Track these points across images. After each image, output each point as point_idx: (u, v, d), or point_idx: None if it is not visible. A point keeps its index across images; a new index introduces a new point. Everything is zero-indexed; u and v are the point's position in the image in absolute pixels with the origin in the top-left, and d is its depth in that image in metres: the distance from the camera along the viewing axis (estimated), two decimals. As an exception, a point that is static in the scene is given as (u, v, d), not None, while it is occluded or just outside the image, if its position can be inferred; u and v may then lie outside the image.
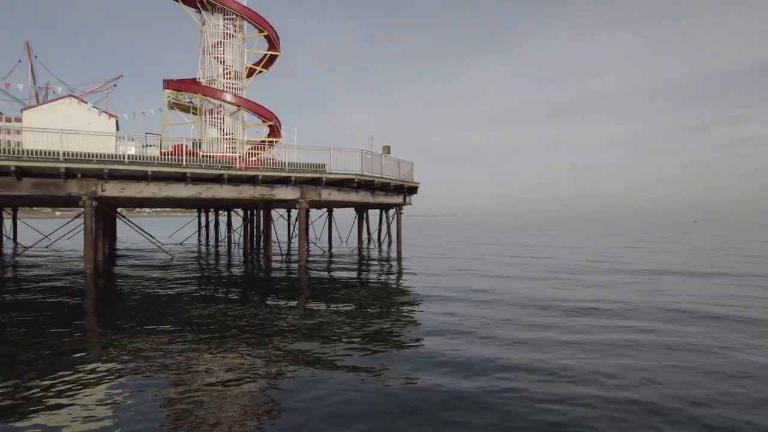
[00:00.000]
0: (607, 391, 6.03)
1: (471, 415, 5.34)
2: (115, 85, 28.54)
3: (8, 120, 18.77)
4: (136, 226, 22.70)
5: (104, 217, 24.25)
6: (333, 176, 21.09)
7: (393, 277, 17.74)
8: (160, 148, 20.82)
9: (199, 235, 38.61)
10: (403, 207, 28.97)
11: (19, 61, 25.35)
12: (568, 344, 8.29)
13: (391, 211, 30.75)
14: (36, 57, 25.47)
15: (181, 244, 33.26)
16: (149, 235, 24.06)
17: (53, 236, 25.95)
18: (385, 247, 31.50)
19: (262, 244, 27.57)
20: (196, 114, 24.46)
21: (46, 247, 30.51)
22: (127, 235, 44.96)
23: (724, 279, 17.32)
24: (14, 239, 32.81)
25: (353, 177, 21.33)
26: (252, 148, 24.72)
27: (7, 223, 36.82)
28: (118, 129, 21.94)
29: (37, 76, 27.15)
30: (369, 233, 34.32)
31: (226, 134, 23.56)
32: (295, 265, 20.65)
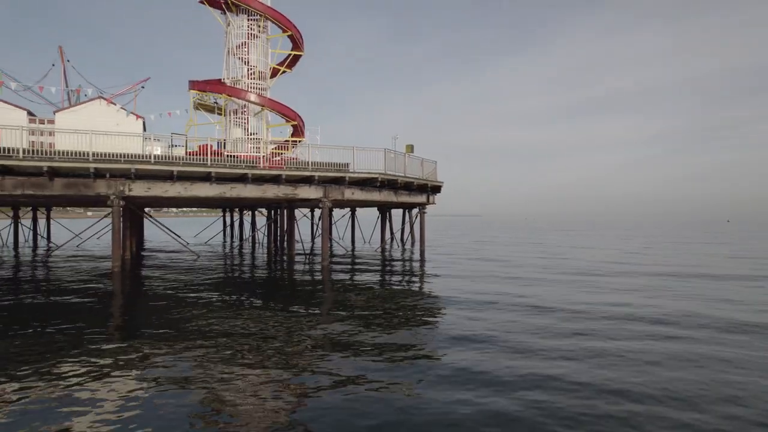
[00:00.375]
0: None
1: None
2: (143, 87, 29.04)
3: (41, 122, 19.23)
4: (163, 225, 23.03)
5: (132, 217, 24.72)
6: (356, 175, 20.96)
7: (416, 279, 17.43)
8: (186, 149, 21.08)
9: (224, 234, 39.08)
10: (427, 206, 28.66)
11: (53, 65, 26.02)
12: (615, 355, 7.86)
13: (414, 211, 30.42)
14: (68, 61, 26.09)
15: (206, 243, 33.70)
16: (175, 234, 24.40)
17: (84, 235, 26.58)
18: (408, 247, 31.26)
19: (285, 243, 27.69)
20: (221, 114, 24.69)
21: (77, 246, 31.35)
22: (154, 234, 45.90)
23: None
24: (48, 238, 33.81)
25: (376, 176, 21.15)
26: (276, 148, 24.83)
27: (42, 222, 38.05)
28: (145, 129, 22.30)
29: (70, 79, 27.90)
30: (392, 233, 34.11)
31: (251, 134, 23.70)
32: (318, 266, 20.58)
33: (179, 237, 25.62)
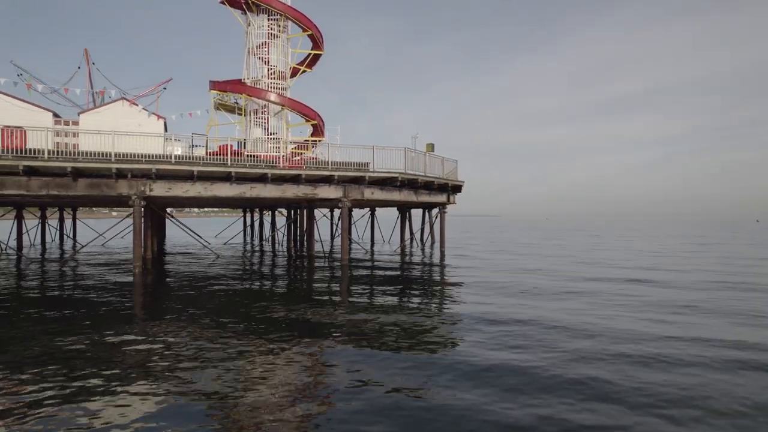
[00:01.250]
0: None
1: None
2: (165, 89, 29.34)
3: (66, 123, 19.49)
4: (183, 225, 23.15)
5: (153, 216, 24.93)
6: (376, 175, 20.71)
7: (437, 285, 17.11)
8: (206, 149, 21.13)
9: (245, 234, 39.30)
10: (447, 206, 28.25)
11: (79, 67, 26.51)
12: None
13: (434, 211, 30.03)
14: (93, 63, 26.54)
15: (226, 243, 33.87)
16: (196, 234, 24.50)
17: (108, 234, 26.99)
18: (428, 247, 30.88)
19: (305, 243, 27.63)
20: (241, 114, 24.73)
21: (102, 245, 31.86)
22: (175, 235, 46.46)
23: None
24: (73, 237, 34.49)
25: (396, 175, 20.87)
26: (296, 148, 24.75)
27: (68, 222, 38.84)
28: (166, 130, 22.46)
29: (95, 81, 28.37)
30: (412, 233, 33.78)
31: (271, 134, 23.66)
32: (338, 263, 20.37)
33: (200, 237, 25.74)
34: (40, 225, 34.39)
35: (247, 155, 20.69)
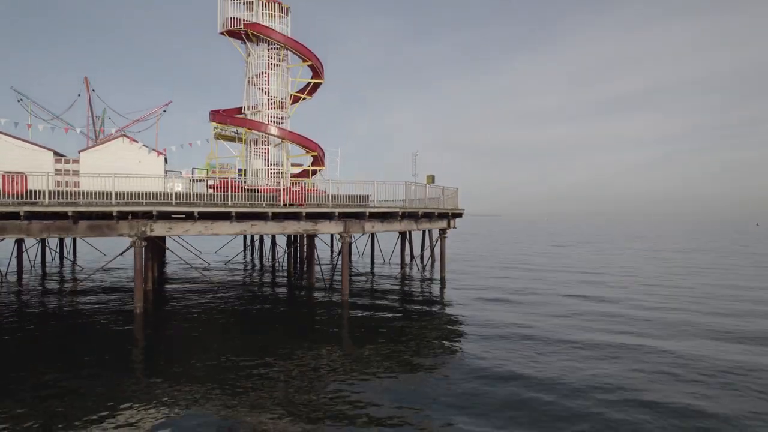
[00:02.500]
0: None
1: None
2: (165, 111, 29.38)
3: (67, 161, 19.48)
4: (184, 260, 23.15)
5: (153, 246, 24.91)
6: (377, 209, 20.72)
7: (439, 320, 17.18)
8: (206, 183, 21.16)
9: (245, 253, 39.29)
10: (447, 230, 28.26)
11: (79, 95, 26.51)
12: None
13: (435, 233, 30.06)
14: (93, 90, 26.53)
15: (226, 263, 33.84)
16: (198, 258, 24.53)
17: (109, 252, 26.99)
18: (428, 270, 30.90)
19: (305, 269, 27.63)
20: (241, 142, 24.74)
21: (103, 268, 31.81)
22: (176, 253, 46.40)
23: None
24: (74, 257, 34.47)
25: (397, 210, 20.90)
26: (295, 175, 24.75)
27: (68, 238, 38.77)
28: (166, 162, 22.47)
29: (95, 107, 28.34)
30: (412, 253, 33.85)
31: (271, 164, 23.65)
32: (338, 296, 20.43)
33: (201, 262, 25.77)
34: (39, 245, 34.34)
35: (248, 190, 20.71)
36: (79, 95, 26.90)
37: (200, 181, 21.04)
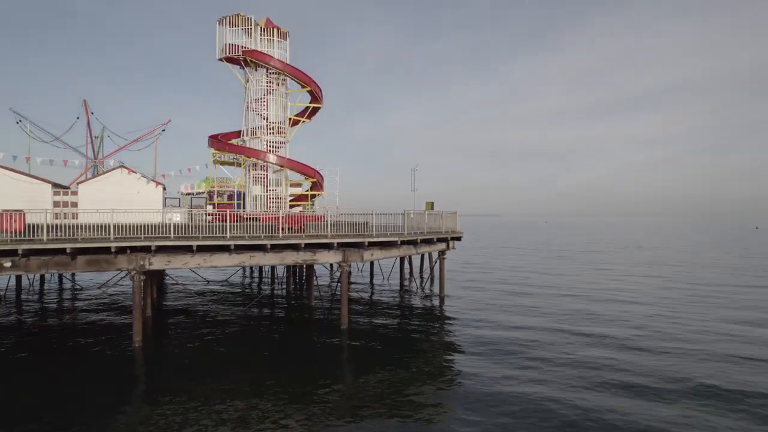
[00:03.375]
0: None
1: None
2: (163, 130, 29.47)
3: (66, 193, 19.48)
4: (184, 285, 23.11)
5: (152, 273, 24.88)
6: (376, 239, 20.72)
7: (439, 346, 17.19)
8: (205, 211, 21.19)
9: (244, 270, 39.26)
10: (447, 252, 28.28)
11: (78, 117, 26.60)
12: None
13: (434, 255, 30.09)
14: (92, 113, 26.62)
15: (227, 280, 33.78)
16: (196, 273, 24.50)
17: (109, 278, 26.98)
18: (427, 288, 30.90)
19: (304, 290, 27.60)
20: (240, 166, 24.77)
21: (101, 287, 31.74)
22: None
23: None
24: (72, 279, 34.45)
25: (396, 240, 20.91)
26: (294, 199, 24.75)
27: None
28: (165, 190, 22.50)
29: (93, 128, 28.40)
30: (411, 272, 33.90)
31: (269, 190, 23.66)
32: (336, 322, 20.49)
33: (198, 278, 25.71)
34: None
35: (247, 218, 20.71)
36: (78, 118, 27.04)
37: (199, 209, 21.04)
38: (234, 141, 25.10)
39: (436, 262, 29.72)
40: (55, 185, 19.78)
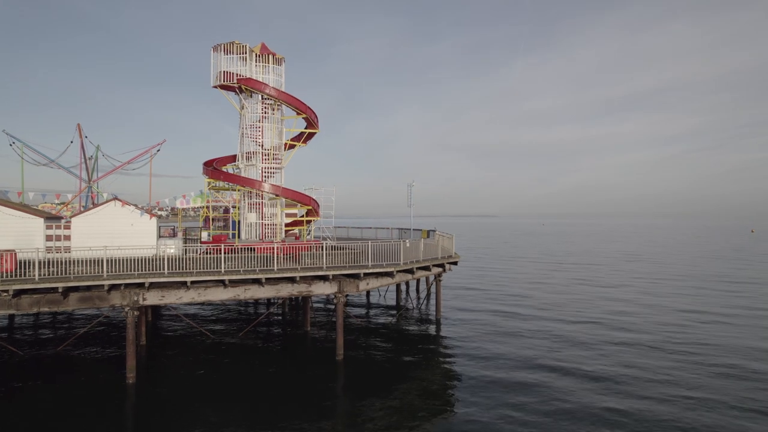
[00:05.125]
0: None
1: None
2: (158, 150, 29.30)
3: (59, 227, 19.31)
4: (179, 312, 22.95)
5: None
6: (371, 270, 20.63)
7: (435, 372, 17.11)
8: (199, 239, 21.05)
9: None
10: (442, 274, 28.22)
11: (71, 141, 26.40)
12: None
13: (431, 278, 30.02)
14: (86, 137, 26.42)
15: (223, 303, 33.49)
16: (189, 320, 24.34)
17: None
18: (423, 308, 30.84)
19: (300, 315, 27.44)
20: (234, 190, 24.63)
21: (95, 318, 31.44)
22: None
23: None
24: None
25: (392, 270, 20.81)
26: (289, 225, 24.59)
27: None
28: (160, 217, 22.33)
29: (87, 152, 28.19)
30: (408, 292, 33.83)
31: (265, 217, 23.53)
32: (332, 353, 20.39)
33: (194, 317, 25.54)
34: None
35: (242, 249, 20.56)
36: (71, 142, 26.84)
37: (193, 239, 20.90)
38: (229, 166, 24.97)
39: (432, 284, 29.69)
40: (48, 218, 19.61)
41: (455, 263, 26.87)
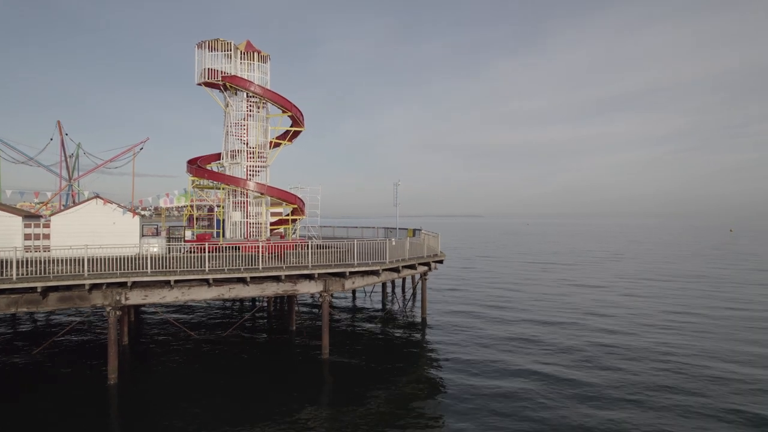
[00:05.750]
0: None
1: None
2: (141, 148, 28.90)
3: (38, 225, 18.91)
4: (163, 312, 22.65)
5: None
6: (357, 269, 20.63)
7: (420, 372, 17.19)
8: (184, 237, 20.81)
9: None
10: (428, 273, 28.33)
11: (51, 139, 25.88)
12: None
13: (417, 277, 30.09)
14: (67, 134, 25.92)
15: (206, 302, 33.16)
16: (174, 319, 24.05)
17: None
18: (409, 307, 30.92)
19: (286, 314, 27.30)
20: (219, 189, 24.40)
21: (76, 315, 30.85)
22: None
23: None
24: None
25: (377, 269, 20.83)
26: (274, 223, 24.45)
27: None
28: (143, 217, 22.02)
29: (68, 149, 27.67)
30: (393, 291, 33.85)
31: (250, 215, 23.36)
32: (317, 353, 20.34)
33: (178, 316, 25.24)
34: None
35: (226, 248, 20.39)
36: (51, 139, 26.33)
37: (177, 238, 20.66)
38: (213, 164, 24.74)
39: (418, 283, 29.78)
40: (27, 216, 19.20)
41: (441, 262, 26.99)
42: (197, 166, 22.61)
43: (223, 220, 23.38)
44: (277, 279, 19.66)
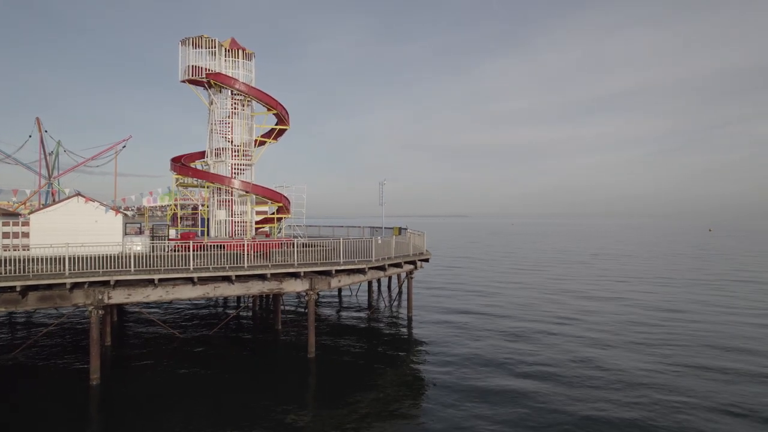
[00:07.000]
0: None
1: None
2: (124, 146, 28.51)
3: (16, 224, 18.53)
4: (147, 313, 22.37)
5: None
6: (343, 267, 20.64)
7: (406, 369, 17.28)
8: (168, 236, 20.60)
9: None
10: (414, 272, 28.45)
11: (30, 136, 25.32)
12: None
13: (402, 276, 30.23)
14: (46, 131, 25.38)
15: (191, 300, 32.86)
16: (159, 320, 23.77)
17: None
18: (395, 306, 31.03)
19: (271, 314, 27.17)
20: (203, 187, 24.21)
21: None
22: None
23: None
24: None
25: (363, 267, 20.87)
26: (260, 222, 24.34)
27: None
28: (126, 216, 21.73)
29: (47, 146, 27.13)
30: (380, 289, 33.96)
31: (235, 214, 23.21)
32: (304, 353, 20.31)
33: (162, 314, 24.97)
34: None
35: (211, 246, 20.24)
36: (30, 136, 25.77)
37: (160, 236, 20.44)
38: (198, 162, 24.52)
39: (404, 282, 29.90)
40: (5, 214, 18.81)
41: (426, 260, 27.12)
42: (181, 164, 22.38)
43: (208, 219, 23.20)
44: (262, 277, 19.57)
